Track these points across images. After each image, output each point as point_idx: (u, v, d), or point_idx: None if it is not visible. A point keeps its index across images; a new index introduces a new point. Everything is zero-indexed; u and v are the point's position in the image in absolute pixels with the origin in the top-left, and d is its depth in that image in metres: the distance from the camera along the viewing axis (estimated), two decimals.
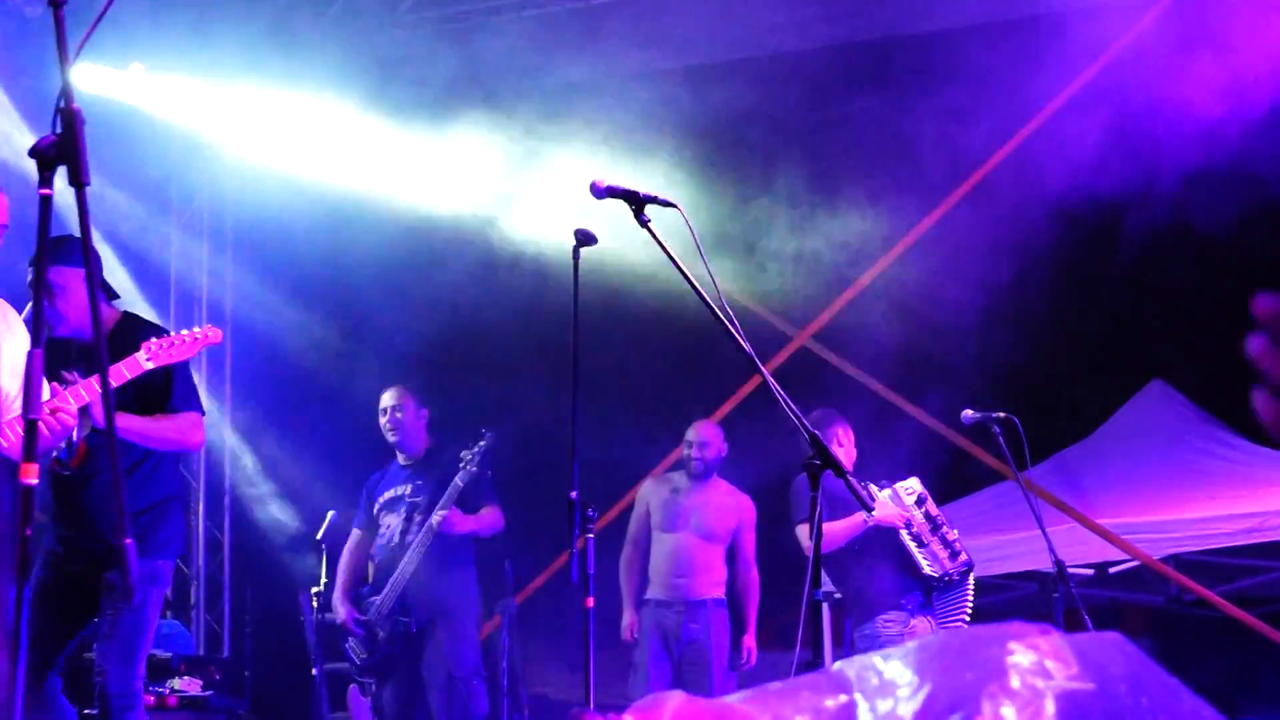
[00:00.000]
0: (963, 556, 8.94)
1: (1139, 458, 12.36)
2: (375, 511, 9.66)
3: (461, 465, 9.20)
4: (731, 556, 10.09)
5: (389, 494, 9.61)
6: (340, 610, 9.59)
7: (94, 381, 6.06)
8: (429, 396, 9.83)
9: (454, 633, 9.23)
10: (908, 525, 8.86)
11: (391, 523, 9.48)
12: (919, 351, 12.10)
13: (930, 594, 8.94)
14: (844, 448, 9.23)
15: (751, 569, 10.12)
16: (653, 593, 10.02)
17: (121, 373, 6.31)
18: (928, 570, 8.84)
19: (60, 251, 6.66)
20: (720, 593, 9.97)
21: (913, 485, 9.03)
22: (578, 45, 12.32)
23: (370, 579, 9.65)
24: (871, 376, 12.35)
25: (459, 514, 9.21)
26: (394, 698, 9.40)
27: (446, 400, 10.40)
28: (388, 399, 9.69)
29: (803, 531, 8.83)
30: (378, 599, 9.33)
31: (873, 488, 8.86)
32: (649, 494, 10.29)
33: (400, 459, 9.74)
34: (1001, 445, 8.48)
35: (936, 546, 8.88)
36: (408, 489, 9.53)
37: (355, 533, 9.80)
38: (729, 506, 10.10)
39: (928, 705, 2.62)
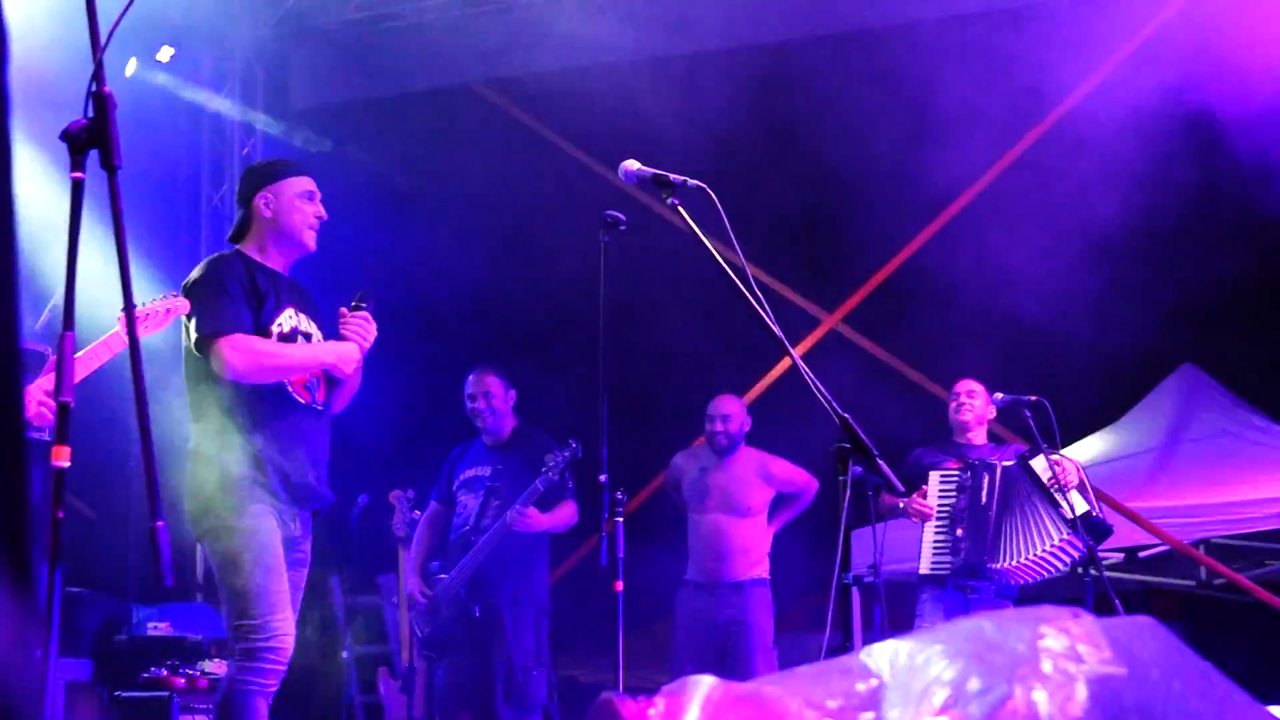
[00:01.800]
0: (959, 556, 8.72)
1: (1169, 441, 12.32)
2: (454, 489, 9.52)
3: (544, 471, 9.01)
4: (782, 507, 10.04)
5: (469, 473, 9.45)
6: (409, 582, 9.49)
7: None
8: (460, 377, 9.66)
9: (518, 620, 9.11)
10: (956, 512, 8.74)
11: (469, 503, 9.34)
12: (949, 335, 12.09)
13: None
14: (951, 423, 9.22)
15: (813, 481, 10.03)
16: (692, 574, 9.96)
17: (103, 353, 6.13)
18: (923, 569, 8.74)
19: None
20: (760, 572, 9.80)
21: (969, 473, 8.85)
22: (605, 27, 12.33)
23: (444, 554, 9.53)
24: (901, 359, 12.34)
25: (536, 512, 9.04)
26: (448, 677, 9.30)
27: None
28: (473, 385, 9.49)
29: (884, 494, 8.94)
30: (447, 577, 9.24)
31: (931, 479, 8.81)
32: (679, 470, 10.19)
33: (485, 439, 9.59)
34: (1032, 428, 8.46)
35: (960, 542, 8.71)
36: (487, 471, 9.38)
37: (433, 505, 9.63)
38: (755, 476, 9.96)
39: (959, 689, 2.62)
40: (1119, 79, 11.82)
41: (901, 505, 8.74)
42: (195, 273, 6.11)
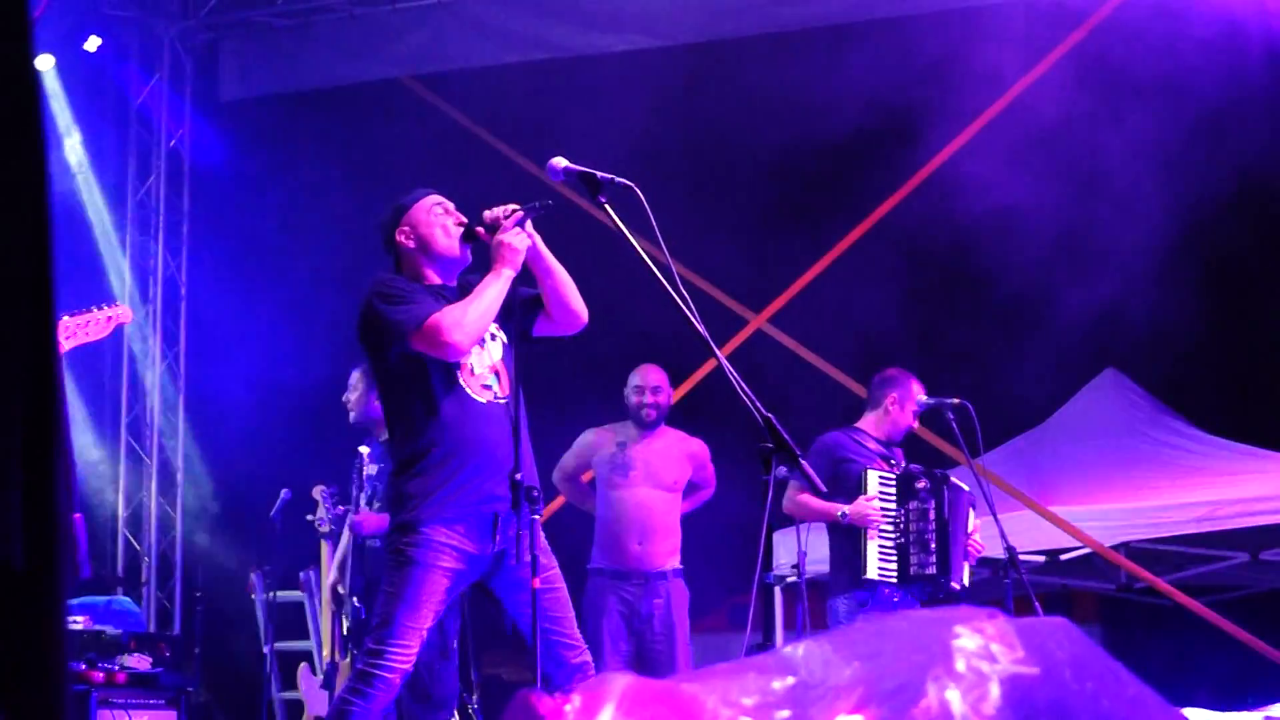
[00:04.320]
0: (930, 570, 8.51)
1: (1092, 445, 12.41)
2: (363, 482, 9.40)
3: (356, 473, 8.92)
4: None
5: (367, 470, 9.35)
6: (331, 575, 9.40)
7: None
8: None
9: None
10: (896, 523, 8.61)
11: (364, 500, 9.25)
12: (874, 336, 12.13)
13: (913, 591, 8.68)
14: (890, 414, 9.01)
15: (710, 486, 9.61)
16: (606, 561, 9.36)
17: None
18: (870, 574, 8.57)
19: None
20: (678, 561, 9.33)
21: (924, 480, 8.73)
22: (535, 24, 12.34)
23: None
24: (826, 361, 12.38)
25: (370, 516, 8.81)
26: None
27: None
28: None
29: (792, 492, 8.74)
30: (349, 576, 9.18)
31: (871, 478, 8.66)
32: (590, 448, 9.61)
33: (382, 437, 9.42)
34: (955, 430, 8.48)
35: (912, 552, 8.59)
36: (375, 469, 9.27)
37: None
38: (679, 452, 9.50)
39: (873, 688, 2.63)
40: (1050, 79, 11.90)
41: (844, 512, 8.52)
42: (366, 302, 5.97)
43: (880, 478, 8.63)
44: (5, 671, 1.66)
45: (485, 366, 6.00)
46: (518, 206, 5.93)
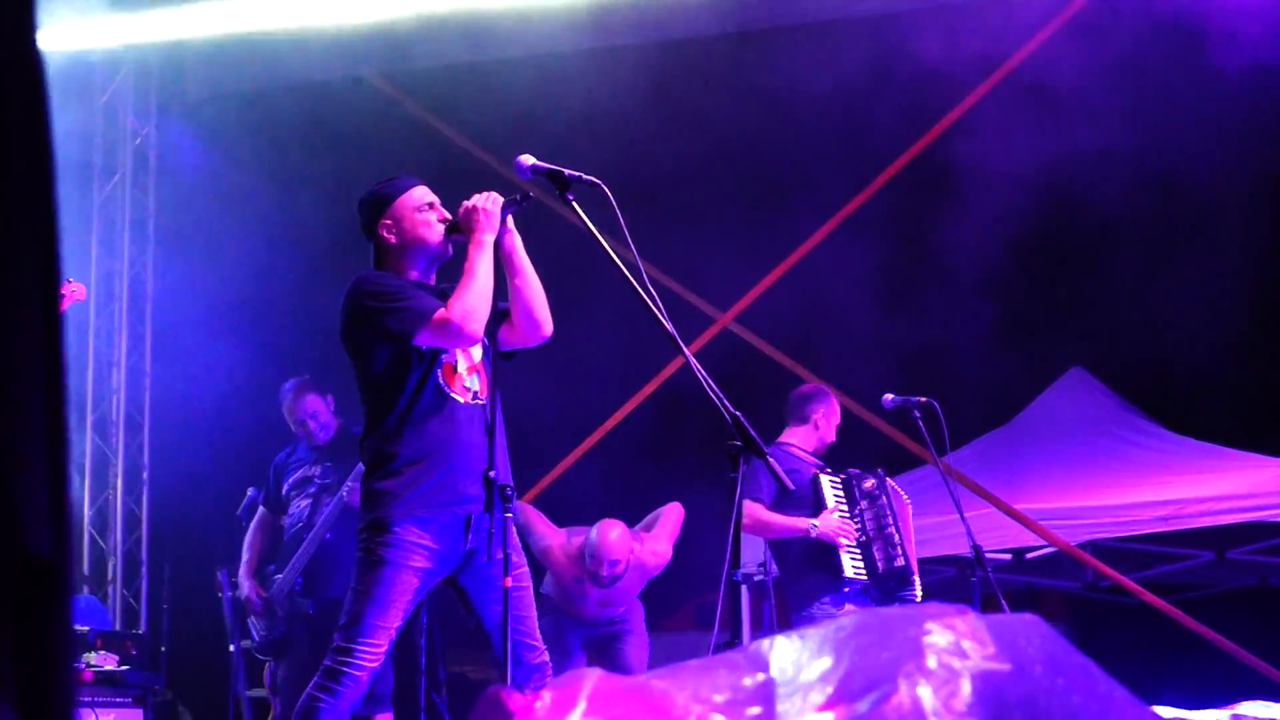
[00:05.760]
0: (899, 562, 8.67)
1: (1058, 444, 12.45)
2: (285, 492, 9.37)
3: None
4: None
5: (299, 474, 9.34)
6: (244, 585, 9.42)
7: None
8: (330, 376, 9.38)
9: None
10: (856, 524, 8.65)
11: (301, 504, 9.22)
12: (841, 335, 12.14)
13: (876, 589, 8.73)
14: (819, 430, 9.08)
15: (676, 509, 9.52)
16: (562, 604, 9.33)
17: None
18: (848, 573, 8.61)
19: None
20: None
21: (870, 479, 8.81)
22: (503, 22, 12.32)
23: (278, 557, 9.44)
24: (794, 359, 12.37)
25: None
26: (288, 677, 9.15)
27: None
28: (298, 411, 9.29)
29: (747, 506, 8.61)
30: (281, 576, 9.17)
31: (824, 483, 8.71)
32: (550, 562, 9.28)
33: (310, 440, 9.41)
34: (921, 430, 8.49)
35: (877, 548, 8.66)
36: (317, 470, 9.26)
37: (261, 510, 9.52)
38: (635, 584, 9.31)
39: (845, 684, 2.63)
40: (1012, 83, 11.91)
41: (814, 526, 8.55)
42: (352, 301, 5.88)
43: (830, 482, 8.73)
44: (28, 663, 1.64)
45: (467, 367, 5.97)
46: (499, 196, 5.89)
